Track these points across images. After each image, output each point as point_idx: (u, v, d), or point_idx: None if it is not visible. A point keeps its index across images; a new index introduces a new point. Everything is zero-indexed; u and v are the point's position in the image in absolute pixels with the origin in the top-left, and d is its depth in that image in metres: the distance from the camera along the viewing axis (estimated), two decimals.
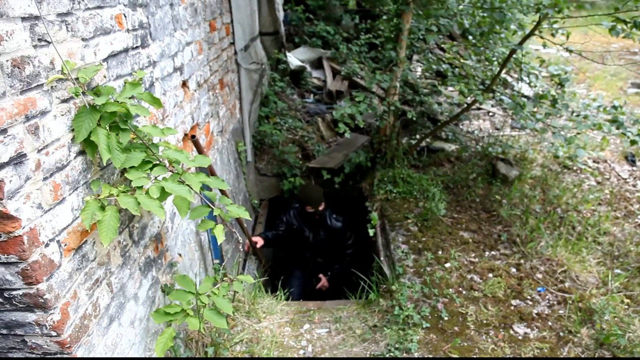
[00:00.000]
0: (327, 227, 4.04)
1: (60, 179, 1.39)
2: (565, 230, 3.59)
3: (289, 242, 4.23)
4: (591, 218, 3.81)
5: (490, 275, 3.13)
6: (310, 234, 4.09)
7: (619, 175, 4.81)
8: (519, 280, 3.09)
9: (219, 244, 1.69)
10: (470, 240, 3.49)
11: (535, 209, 3.87)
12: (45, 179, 1.33)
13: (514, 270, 3.19)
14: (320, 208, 3.91)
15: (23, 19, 1.23)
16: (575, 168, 4.81)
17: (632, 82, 8.20)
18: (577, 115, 3.53)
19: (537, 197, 4.04)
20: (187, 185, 1.56)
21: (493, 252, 3.38)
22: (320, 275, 4.20)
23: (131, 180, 1.52)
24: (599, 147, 5.29)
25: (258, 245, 3.89)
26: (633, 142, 3.44)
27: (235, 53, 3.86)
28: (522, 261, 3.27)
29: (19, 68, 1.22)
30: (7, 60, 1.18)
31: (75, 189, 1.47)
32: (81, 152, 1.50)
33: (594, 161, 5.05)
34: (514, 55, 4.05)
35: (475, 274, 3.15)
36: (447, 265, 3.22)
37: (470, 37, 4.73)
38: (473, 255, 3.33)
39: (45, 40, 1.32)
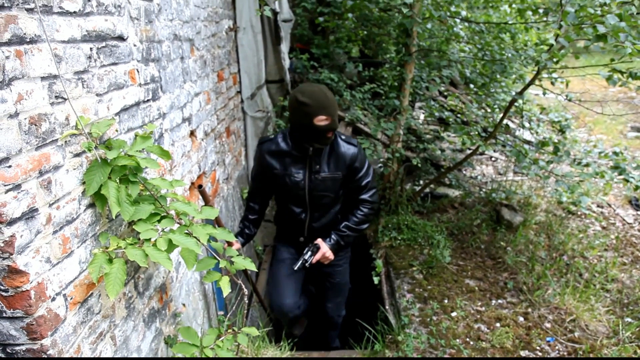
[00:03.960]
0: (335, 156, 2.64)
1: (69, 232, 1.41)
2: (572, 278, 3.55)
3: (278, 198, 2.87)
4: (598, 264, 3.77)
5: (498, 324, 3.08)
6: (303, 176, 2.66)
7: (624, 220, 4.79)
8: (527, 329, 3.03)
9: (225, 296, 1.69)
10: (476, 288, 3.45)
11: (540, 255, 3.84)
12: (55, 232, 1.34)
13: (521, 319, 3.14)
14: (336, 118, 2.53)
15: (42, 78, 1.28)
16: (579, 213, 4.81)
17: (632, 125, 8.30)
18: (579, 163, 3.56)
19: (542, 244, 4.02)
20: (195, 237, 1.57)
21: (500, 301, 3.33)
22: (318, 241, 2.76)
23: (139, 232, 1.54)
24: (603, 192, 5.31)
25: (234, 247, 2.60)
26: (637, 188, 3.45)
27: (242, 101, 3.96)
28: (529, 310, 3.22)
29: (35, 125, 1.25)
30: (25, 118, 1.21)
31: (84, 242, 1.48)
32: (91, 205, 1.52)
33: (598, 206, 5.05)
34: (515, 103, 4.14)
35: (483, 324, 3.09)
36: (454, 314, 3.16)
37: (472, 85, 4.85)
38: (479, 303, 3.28)
39: (62, 97, 1.37)
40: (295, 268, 2.66)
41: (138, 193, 1.56)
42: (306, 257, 2.69)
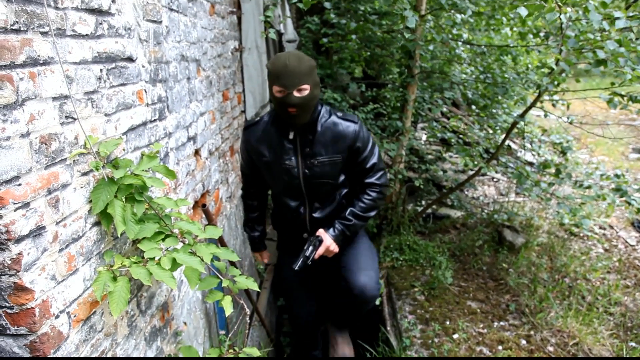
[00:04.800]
0: (332, 136, 2.28)
1: (75, 250, 1.42)
2: (575, 300, 3.53)
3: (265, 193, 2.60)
4: (601, 287, 3.76)
5: (500, 347, 3.05)
6: (296, 162, 2.31)
7: (626, 242, 4.78)
8: (529, 353, 3.01)
9: (227, 315, 1.69)
10: (478, 310, 3.43)
11: (543, 277, 3.82)
12: (61, 250, 1.36)
13: (524, 342, 3.11)
14: (300, 93, 2.13)
15: (54, 98, 1.31)
16: (582, 235, 4.80)
17: (634, 147, 8.33)
18: (580, 186, 3.58)
19: (544, 265, 4.01)
20: (198, 256, 1.59)
21: (502, 323, 3.31)
22: (320, 232, 2.40)
23: (143, 251, 1.55)
24: (605, 214, 5.30)
25: (265, 259, 2.80)
26: (639, 210, 3.46)
27: (246, 120, 4.00)
28: (532, 332, 3.20)
29: (45, 144, 1.28)
30: (36, 138, 1.24)
31: (89, 260, 1.49)
32: (96, 223, 1.53)
33: (600, 228, 5.04)
34: (517, 125, 4.17)
35: (485, 346, 3.07)
36: (455, 336, 3.14)
37: (474, 107, 4.90)
38: (481, 326, 3.26)
39: (72, 117, 1.39)
40: (297, 267, 2.26)
41: (143, 212, 1.57)
42: (307, 253, 2.30)
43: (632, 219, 5.22)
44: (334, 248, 2.39)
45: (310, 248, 2.33)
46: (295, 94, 2.13)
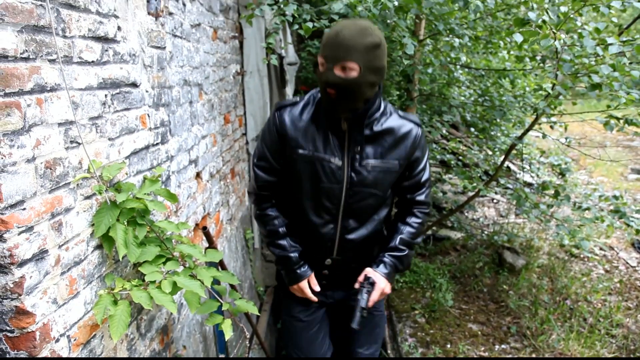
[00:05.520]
0: (390, 137, 1.81)
1: (76, 273, 1.43)
2: (576, 322, 3.51)
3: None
4: (602, 309, 3.74)
5: None
6: (344, 161, 1.80)
7: (627, 263, 4.77)
8: None
9: (227, 339, 1.69)
10: (479, 332, 3.41)
11: (544, 299, 3.81)
12: (62, 273, 1.37)
13: None
14: (344, 73, 1.63)
15: (59, 124, 1.33)
16: (582, 256, 4.79)
17: (632, 167, 8.37)
18: (579, 208, 3.59)
19: (545, 287, 4.00)
20: (199, 280, 1.59)
21: (503, 346, 3.29)
22: (369, 272, 1.86)
23: (144, 274, 1.56)
24: (605, 234, 5.30)
25: (317, 289, 1.95)
26: (638, 232, 3.46)
27: (247, 143, 4.03)
28: (534, 356, 3.17)
29: (50, 169, 1.30)
30: (41, 162, 1.26)
31: (90, 283, 1.50)
32: (98, 246, 1.55)
33: (600, 249, 5.04)
34: (516, 147, 4.21)
35: None
36: None
37: (472, 129, 4.94)
38: (483, 349, 3.24)
39: (77, 142, 1.42)
40: (355, 325, 1.72)
41: (144, 235, 1.59)
42: (362, 303, 1.79)
43: (633, 240, 5.22)
44: (388, 290, 1.90)
45: (365, 296, 1.83)
46: (337, 72, 1.64)
